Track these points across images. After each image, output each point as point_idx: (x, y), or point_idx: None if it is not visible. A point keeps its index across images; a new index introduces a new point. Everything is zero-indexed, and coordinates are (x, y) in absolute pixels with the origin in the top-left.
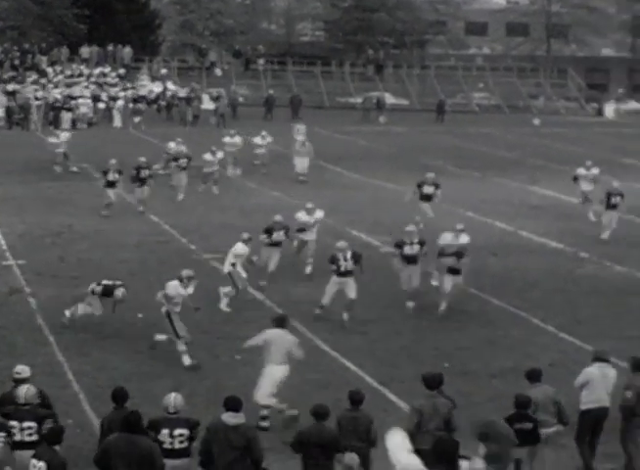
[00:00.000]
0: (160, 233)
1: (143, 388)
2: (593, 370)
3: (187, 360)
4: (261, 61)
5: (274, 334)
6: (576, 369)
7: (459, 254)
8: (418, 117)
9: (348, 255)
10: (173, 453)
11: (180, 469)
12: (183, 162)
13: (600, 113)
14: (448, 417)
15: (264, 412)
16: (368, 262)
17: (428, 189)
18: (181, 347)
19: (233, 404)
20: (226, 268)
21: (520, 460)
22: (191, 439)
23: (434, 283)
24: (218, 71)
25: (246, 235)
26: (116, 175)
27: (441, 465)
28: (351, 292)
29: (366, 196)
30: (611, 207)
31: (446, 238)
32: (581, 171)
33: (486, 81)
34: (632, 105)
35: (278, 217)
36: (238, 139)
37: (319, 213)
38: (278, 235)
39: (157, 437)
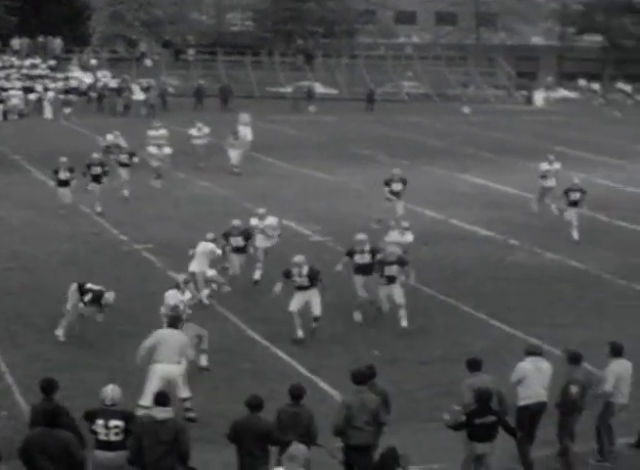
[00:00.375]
0: (93, 224)
1: (76, 379)
2: (527, 365)
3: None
4: (191, 51)
5: (165, 334)
6: (507, 356)
7: (401, 261)
8: (347, 107)
9: (304, 270)
10: (109, 445)
11: (115, 461)
12: (124, 157)
13: (529, 101)
14: (376, 412)
15: (187, 404)
16: (297, 251)
17: (396, 186)
18: None
19: (162, 399)
20: (192, 268)
21: (483, 455)
22: (126, 431)
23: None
24: (148, 62)
25: (210, 235)
26: (67, 173)
27: None
28: (316, 307)
29: (296, 185)
30: (571, 203)
31: (392, 236)
32: (544, 166)
33: (416, 70)
34: (561, 93)
35: (236, 222)
36: (163, 131)
37: (270, 220)
38: (236, 241)
39: (92, 427)
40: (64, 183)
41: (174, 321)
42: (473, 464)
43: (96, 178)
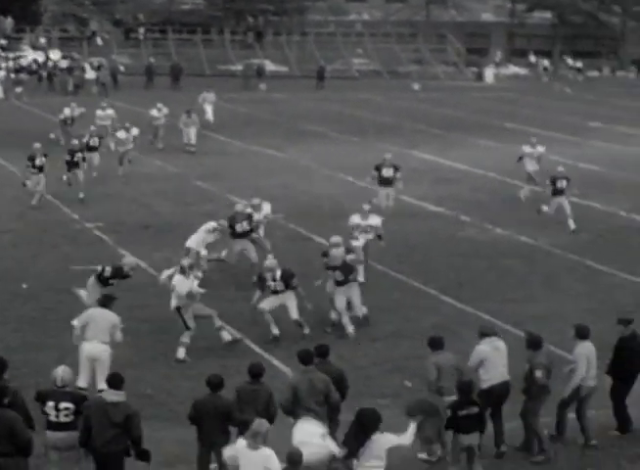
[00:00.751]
0: (43, 203)
1: (29, 358)
2: (484, 347)
3: (182, 354)
4: (142, 30)
5: (95, 312)
6: (458, 331)
7: (347, 268)
8: (298, 84)
9: (277, 274)
10: (59, 426)
11: (65, 442)
12: (94, 141)
13: (480, 77)
14: (327, 391)
15: None
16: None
17: (387, 172)
18: (185, 339)
19: (114, 382)
20: (190, 244)
21: (471, 447)
22: (77, 413)
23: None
24: (99, 41)
25: (212, 225)
26: (43, 159)
27: (362, 436)
28: (292, 310)
29: (247, 163)
30: (558, 192)
31: (354, 220)
32: (526, 149)
33: (366, 47)
34: (512, 69)
35: (239, 207)
36: (110, 111)
37: (266, 208)
38: (241, 226)
39: (43, 409)
40: (39, 169)
41: (106, 300)
42: (462, 456)
43: (75, 165)
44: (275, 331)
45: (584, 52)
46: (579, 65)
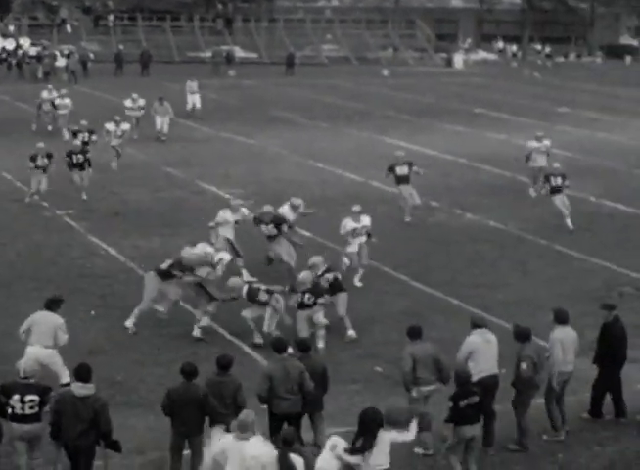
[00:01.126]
0: (13, 191)
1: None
2: (475, 339)
3: (197, 332)
4: (111, 17)
5: (39, 316)
6: (428, 316)
7: (318, 290)
8: (267, 70)
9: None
10: (24, 418)
11: (31, 434)
12: (84, 136)
13: (449, 63)
14: (301, 380)
15: None
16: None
17: (402, 170)
18: (204, 321)
19: (82, 374)
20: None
21: (472, 439)
22: (42, 404)
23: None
24: (69, 28)
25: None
26: (45, 160)
27: (366, 436)
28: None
29: (216, 149)
30: (554, 190)
31: (351, 225)
32: (533, 144)
33: (335, 33)
34: (481, 55)
35: (267, 208)
36: (67, 100)
37: (267, 207)
38: (267, 229)
39: (8, 401)
40: (42, 170)
41: (50, 303)
42: (460, 448)
43: (79, 166)
44: (258, 340)
45: (553, 38)
46: (548, 50)
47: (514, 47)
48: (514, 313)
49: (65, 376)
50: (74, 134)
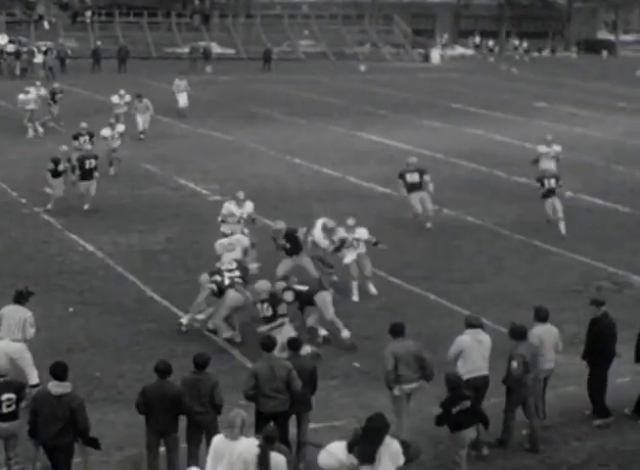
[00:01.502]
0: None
1: None
2: (466, 338)
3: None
4: (88, 13)
5: (8, 309)
6: (406, 312)
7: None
8: (245, 66)
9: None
10: (1, 417)
11: (9, 430)
12: (85, 139)
13: (426, 58)
14: (288, 379)
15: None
16: (198, 210)
17: (412, 177)
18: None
19: (58, 372)
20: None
21: (471, 440)
22: (18, 401)
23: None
24: (46, 25)
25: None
26: (67, 164)
27: (370, 442)
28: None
29: (193, 145)
30: (547, 193)
31: (339, 233)
32: (542, 149)
33: (312, 29)
34: (458, 50)
35: (279, 224)
36: (32, 95)
37: (249, 206)
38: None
39: None
40: (58, 174)
41: (19, 296)
42: (464, 453)
43: (88, 174)
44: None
45: (531, 33)
46: (525, 45)
47: (490, 42)
48: (491, 309)
49: (34, 377)
50: (75, 137)
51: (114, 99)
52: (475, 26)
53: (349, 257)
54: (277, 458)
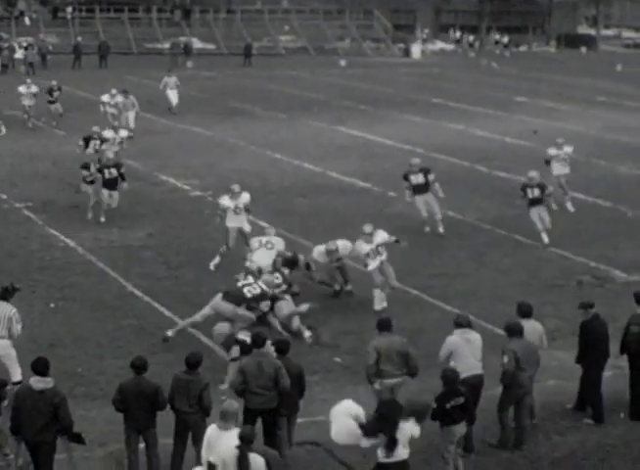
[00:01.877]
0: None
1: None
2: (455, 339)
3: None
4: (69, 9)
5: None
6: (388, 307)
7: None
8: (225, 61)
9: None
10: None
11: None
12: (96, 144)
13: (407, 53)
14: (275, 376)
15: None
16: (179, 206)
17: (416, 178)
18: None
19: (40, 368)
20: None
21: (460, 436)
22: (0, 398)
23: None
24: (27, 20)
25: (236, 187)
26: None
27: (384, 428)
28: None
29: (174, 141)
30: (531, 202)
31: (364, 248)
32: (552, 151)
33: (293, 24)
34: (438, 45)
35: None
36: (35, 89)
37: (245, 197)
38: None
39: None
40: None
41: (4, 293)
42: (452, 448)
43: (110, 184)
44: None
45: (511, 27)
46: (506, 40)
47: (471, 37)
48: (472, 303)
49: (17, 374)
50: (86, 141)
51: (105, 98)
52: (455, 21)
53: (373, 263)
54: (256, 459)
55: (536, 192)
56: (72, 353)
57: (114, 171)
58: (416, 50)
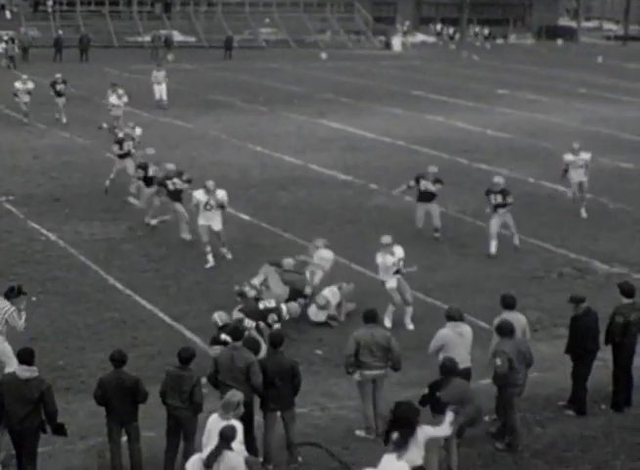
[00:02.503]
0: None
1: None
2: (447, 332)
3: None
4: (50, 2)
5: None
6: (369, 299)
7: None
8: (206, 54)
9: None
10: None
11: None
12: (129, 144)
13: (388, 46)
14: (247, 372)
15: None
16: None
17: (425, 185)
18: None
19: (25, 357)
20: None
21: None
22: None
23: None
24: (8, 14)
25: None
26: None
27: (401, 430)
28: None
29: (155, 134)
30: (496, 207)
31: (387, 260)
32: (568, 157)
33: (273, 17)
34: (419, 37)
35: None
36: (31, 85)
37: (220, 193)
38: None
39: None
40: (150, 181)
41: (9, 291)
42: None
43: (174, 195)
44: None
45: (492, 19)
46: (486, 32)
47: (451, 29)
48: (454, 295)
49: (13, 365)
50: (119, 144)
51: (113, 100)
52: (436, 14)
53: (392, 282)
54: (232, 458)
55: (499, 198)
56: (54, 347)
57: (177, 183)
58: (397, 43)
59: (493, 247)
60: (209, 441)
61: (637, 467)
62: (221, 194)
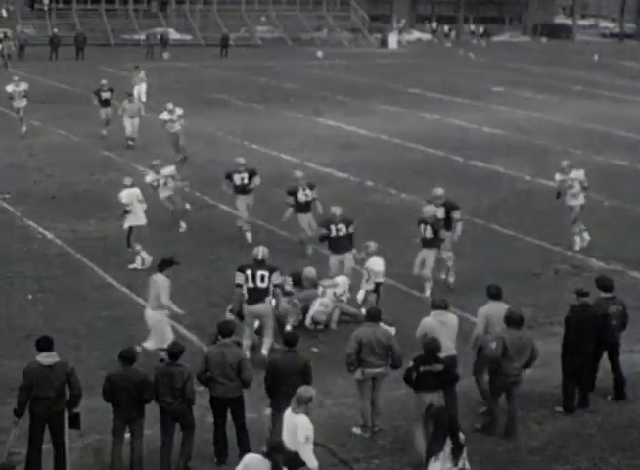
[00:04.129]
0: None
1: None
2: (430, 320)
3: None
4: (46, 0)
5: None
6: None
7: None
8: (202, 52)
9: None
10: None
11: None
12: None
13: (384, 44)
14: (238, 366)
15: None
16: (156, 197)
17: (429, 211)
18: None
19: (45, 345)
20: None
21: (431, 406)
22: None
23: None
24: (4, 12)
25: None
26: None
27: (442, 438)
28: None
29: (151, 132)
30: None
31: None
32: (557, 177)
33: (269, 15)
34: (415, 35)
35: (299, 173)
36: (24, 86)
37: (168, 169)
38: (305, 195)
39: None
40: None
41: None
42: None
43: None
44: None
45: (488, 17)
46: (482, 30)
47: (447, 27)
48: (449, 293)
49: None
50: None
51: (164, 116)
52: (432, 12)
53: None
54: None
55: (440, 213)
56: None
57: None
58: (393, 40)
59: (428, 290)
60: (286, 437)
61: (634, 464)
62: (169, 170)
